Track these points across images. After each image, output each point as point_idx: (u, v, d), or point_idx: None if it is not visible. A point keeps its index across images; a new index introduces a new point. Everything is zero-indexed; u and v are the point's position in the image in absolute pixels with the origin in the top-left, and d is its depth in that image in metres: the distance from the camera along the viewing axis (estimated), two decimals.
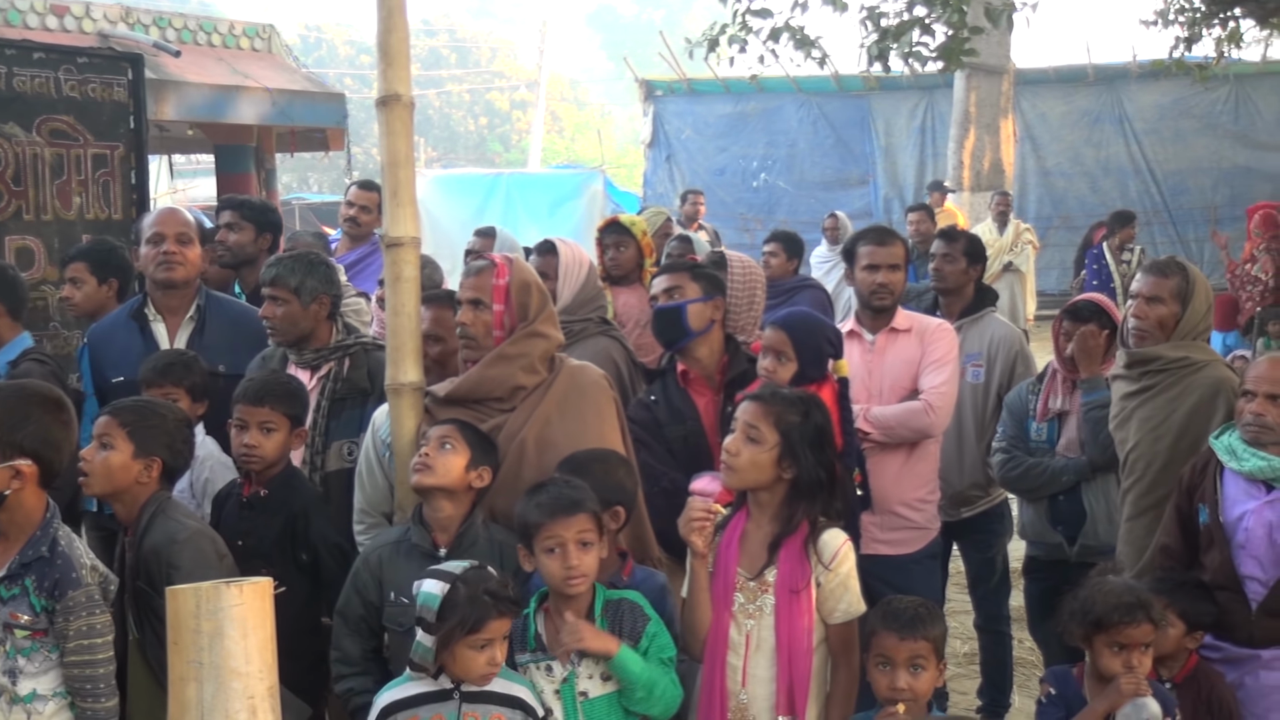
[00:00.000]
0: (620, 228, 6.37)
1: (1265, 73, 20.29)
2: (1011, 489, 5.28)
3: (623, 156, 42.15)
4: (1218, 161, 20.65)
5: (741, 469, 3.59)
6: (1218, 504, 4.01)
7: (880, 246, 5.02)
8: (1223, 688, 3.90)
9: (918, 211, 12.44)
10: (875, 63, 10.93)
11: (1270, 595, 3.93)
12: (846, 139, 21.78)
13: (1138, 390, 4.48)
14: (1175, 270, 4.51)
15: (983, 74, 17.51)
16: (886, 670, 3.50)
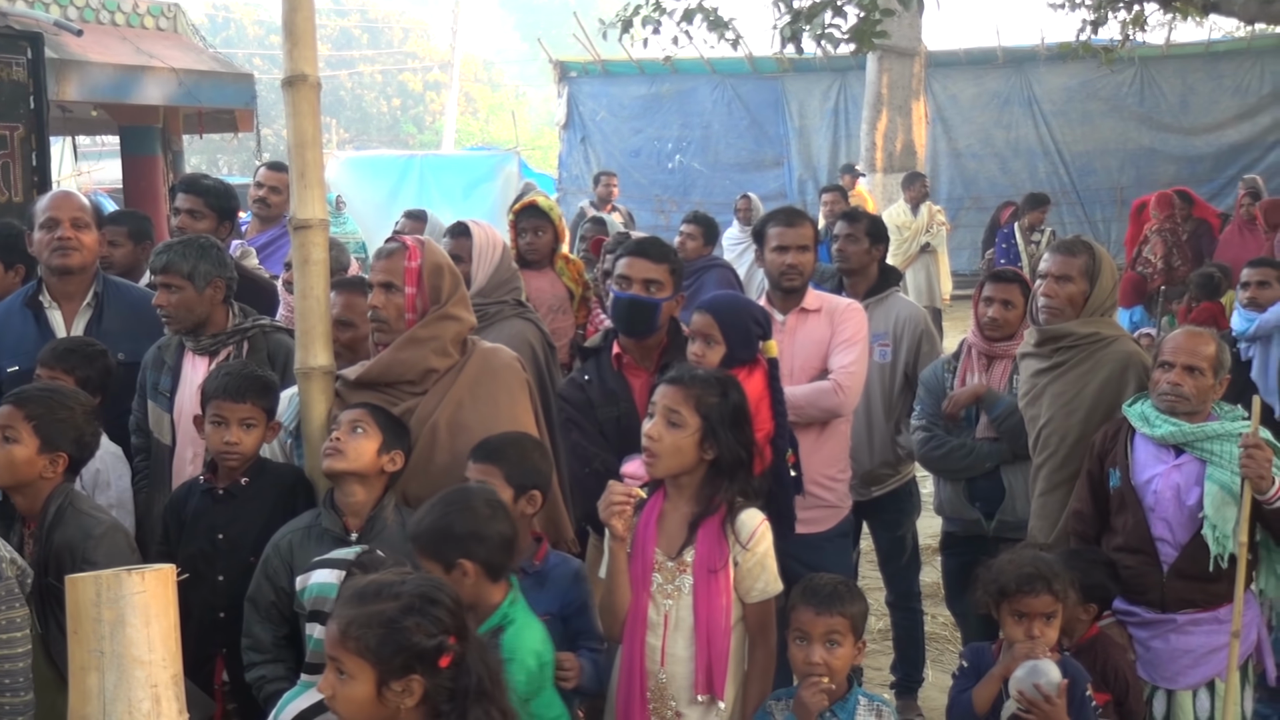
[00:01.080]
0: (538, 211, 6.32)
1: (1169, 56, 20.65)
2: (932, 469, 5.30)
3: (538, 138, 41.96)
4: (1124, 143, 21.00)
5: (664, 453, 3.59)
6: (1129, 468, 4.12)
7: (789, 228, 5.05)
8: (1119, 657, 3.98)
9: (831, 193, 12.55)
10: (788, 44, 10.98)
11: (1180, 557, 4.05)
12: (761, 120, 21.86)
13: (1049, 367, 4.55)
14: (1083, 249, 4.61)
15: (894, 56, 17.66)
16: (803, 645, 3.54)
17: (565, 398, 4.57)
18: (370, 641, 2.54)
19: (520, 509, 3.70)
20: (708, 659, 3.55)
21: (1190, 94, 20.84)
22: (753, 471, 3.76)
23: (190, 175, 7.19)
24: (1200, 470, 4.03)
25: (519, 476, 3.70)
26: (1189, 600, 4.06)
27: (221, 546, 3.92)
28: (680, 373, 3.71)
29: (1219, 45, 20.69)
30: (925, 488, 6.35)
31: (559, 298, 6.28)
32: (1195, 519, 4.01)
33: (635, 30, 11.76)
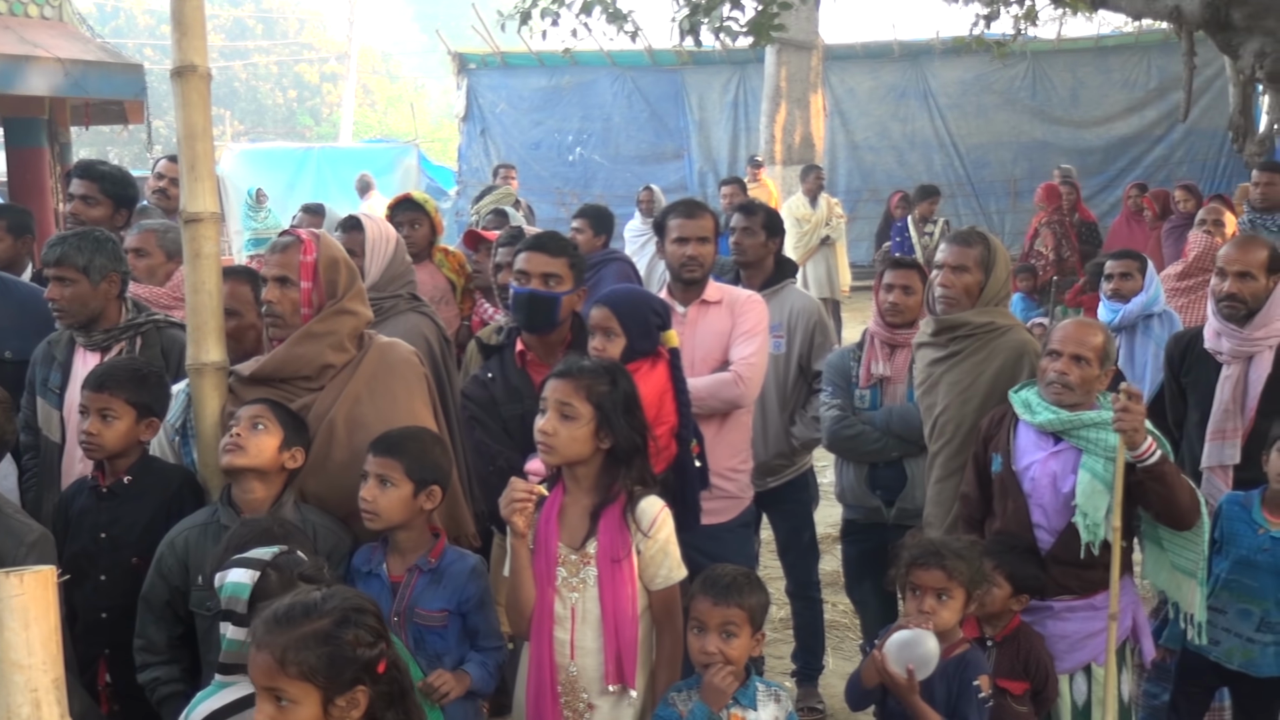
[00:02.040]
0: (413, 204, 6.28)
1: (1060, 50, 21.07)
2: (839, 450, 5.30)
3: (437, 130, 41.60)
4: (1017, 135, 21.37)
5: (561, 446, 3.59)
6: (1010, 454, 4.19)
7: (690, 220, 5.06)
8: (1040, 648, 4.03)
9: (730, 185, 12.59)
10: (687, 37, 11.01)
11: (1057, 544, 4.10)
12: (661, 113, 21.91)
13: (945, 356, 4.61)
14: (978, 240, 4.68)
15: (792, 49, 17.81)
16: (700, 635, 3.55)
17: (469, 396, 4.53)
18: (313, 662, 2.51)
19: (419, 504, 3.68)
20: (617, 649, 3.56)
21: (1080, 88, 21.27)
22: (649, 458, 3.77)
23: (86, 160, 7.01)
24: (1077, 458, 4.08)
25: (419, 471, 3.66)
26: (1066, 587, 4.11)
27: (104, 545, 3.84)
28: (568, 365, 3.70)
29: (1108, 40, 21.17)
30: (824, 477, 6.41)
31: (440, 289, 6.25)
32: (1070, 506, 4.06)
33: (534, 22, 11.72)
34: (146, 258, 5.30)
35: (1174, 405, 5.18)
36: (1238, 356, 4.84)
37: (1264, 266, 4.81)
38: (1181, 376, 5.09)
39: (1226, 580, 4.44)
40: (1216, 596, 4.44)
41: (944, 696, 3.72)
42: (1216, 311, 4.89)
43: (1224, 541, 4.47)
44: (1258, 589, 4.39)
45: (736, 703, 3.54)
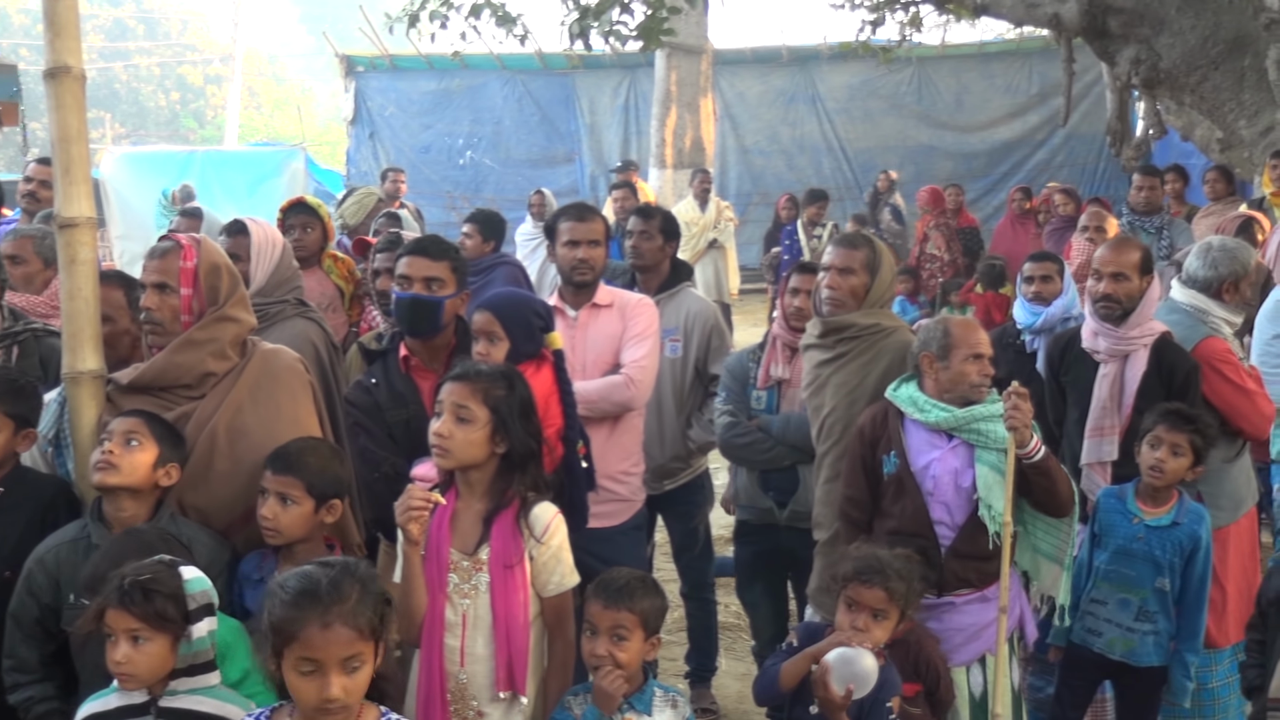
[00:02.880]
0: (307, 208, 6.20)
1: (945, 56, 21.39)
2: (733, 457, 5.33)
3: (325, 134, 41.11)
4: (903, 140, 21.65)
5: (456, 450, 3.56)
6: (905, 454, 4.23)
7: (580, 223, 5.06)
8: (932, 649, 4.08)
9: (622, 189, 12.59)
10: (576, 41, 10.99)
11: (958, 539, 4.18)
12: (552, 116, 21.85)
13: (833, 358, 4.65)
14: (863, 243, 4.74)
15: (682, 53, 17.87)
16: (591, 637, 3.54)
17: (352, 402, 4.47)
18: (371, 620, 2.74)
19: (320, 519, 3.64)
20: (508, 655, 3.53)
21: (965, 93, 21.62)
22: (543, 463, 3.75)
23: None
24: (971, 453, 4.17)
25: (320, 486, 3.62)
26: (964, 580, 4.19)
27: None
28: (465, 369, 3.68)
29: (991, 46, 21.53)
30: (718, 479, 6.44)
31: (328, 296, 6.19)
32: (971, 500, 4.15)
33: (422, 25, 11.62)
34: (23, 265, 5.16)
35: (1054, 404, 5.28)
36: (1114, 355, 4.95)
37: (1137, 267, 4.93)
38: (1061, 376, 5.20)
39: (1106, 571, 4.56)
40: (1098, 588, 4.57)
41: (855, 712, 3.73)
42: (1093, 312, 5.01)
43: (1102, 534, 4.60)
44: (1135, 578, 4.51)
45: (631, 707, 3.53)
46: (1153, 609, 4.51)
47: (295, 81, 55.30)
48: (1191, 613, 4.53)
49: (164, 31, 51.34)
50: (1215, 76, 11.03)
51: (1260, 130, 10.79)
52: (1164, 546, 4.48)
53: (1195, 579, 4.50)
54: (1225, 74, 10.96)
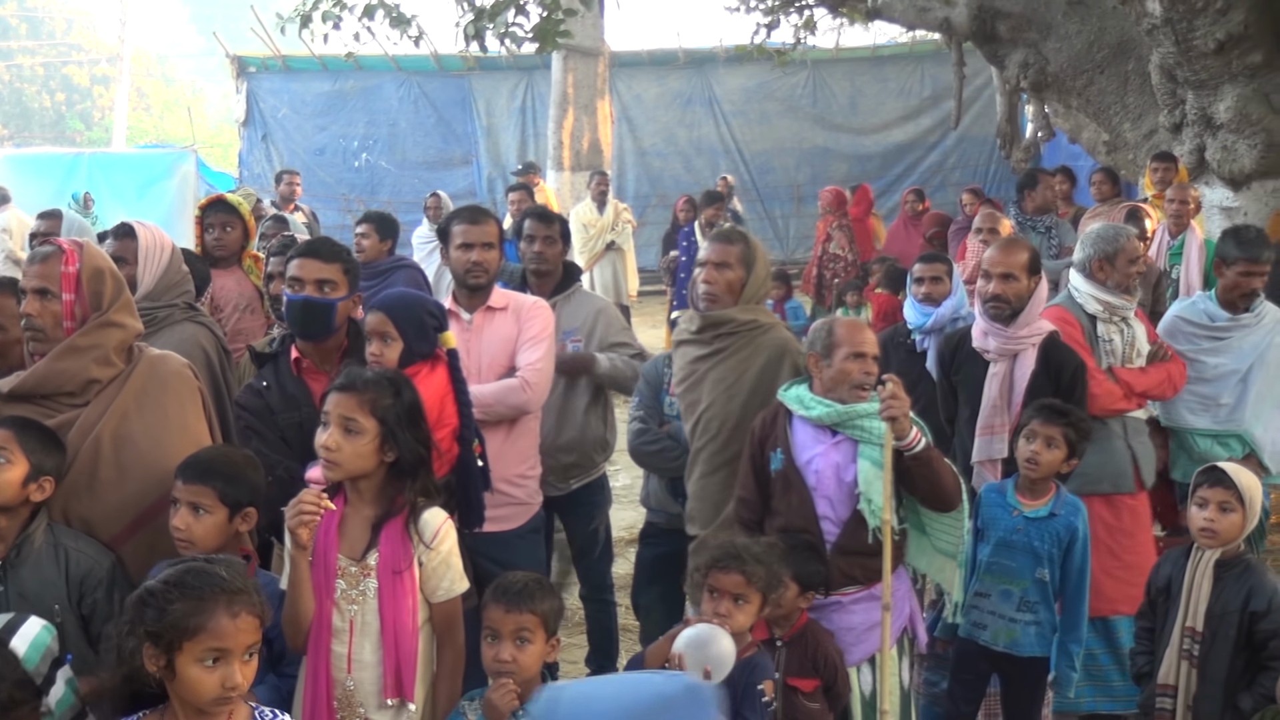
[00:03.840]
0: (227, 207, 6.10)
1: (839, 59, 21.65)
2: (643, 463, 5.33)
3: (217, 136, 40.39)
4: (799, 142, 21.87)
5: (345, 462, 3.52)
6: (790, 450, 4.26)
7: (474, 225, 5.03)
8: (828, 644, 4.12)
9: (518, 191, 12.55)
10: (472, 42, 10.93)
11: (842, 534, 4.21)
12: (448, 118, 21.70)
13: (710, 353, 4.69)
14: (739, 238, 4.79)
15: (579, 56, 17.86)
16: (493, 643, 3.52)
17: (243, 405, 4.41)
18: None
19: (234, 528, 3.58)
20: (396, 662, 3.50)
21: (859, 96, 21.90)
22: (432, 469, 3.73)
23: None
24: (855, 449, 4.20)
25: (234, 494, 3.57)
26: (851, 577, 4.21)
27: None
28: (350, 379, 3.62)
29: (884, 50, 21.84)
30: (616, 481, 6.44)
31: (247, 296, 6.10)
32: (853, 495, 4.18)
33: (315, 25, 11.46)
34: None
35: (945, 402, 5.37)
36: (1004, 354, 5.04)
37: (1025, 268, 5.03)
38: (952, 375, 5.28)
39: (989, 564, 4.65)
40: (981, 581, 4.65)
41: (728, 699, 3.74)
42: (984, 312, 5.09)
43: (984, 528, 4.69)
44: (1016, 569, 4.60)
45: (527, 713, 3.51)
46: (1033, 599, 4.60)
47: (185, 82, 54.28)
48: (1073, 603, 4.63)
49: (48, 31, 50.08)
50: (1101, 80, 11.28)
51: (1144, 133, 11.06)
52: (1042, 538, 4.58)
53: (1074, 569, 4.61)
54: (1110, 78, 11.22)
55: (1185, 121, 9.92)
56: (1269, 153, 9.36)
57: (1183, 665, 4.36)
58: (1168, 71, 9.85)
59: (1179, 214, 8.12)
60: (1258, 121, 9.30)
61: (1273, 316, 5.79)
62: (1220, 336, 5.72)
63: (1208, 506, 4.31)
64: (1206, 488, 4.33)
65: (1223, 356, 5.70)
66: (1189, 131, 9.88)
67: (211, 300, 5.90)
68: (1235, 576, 4.30)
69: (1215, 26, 9.02)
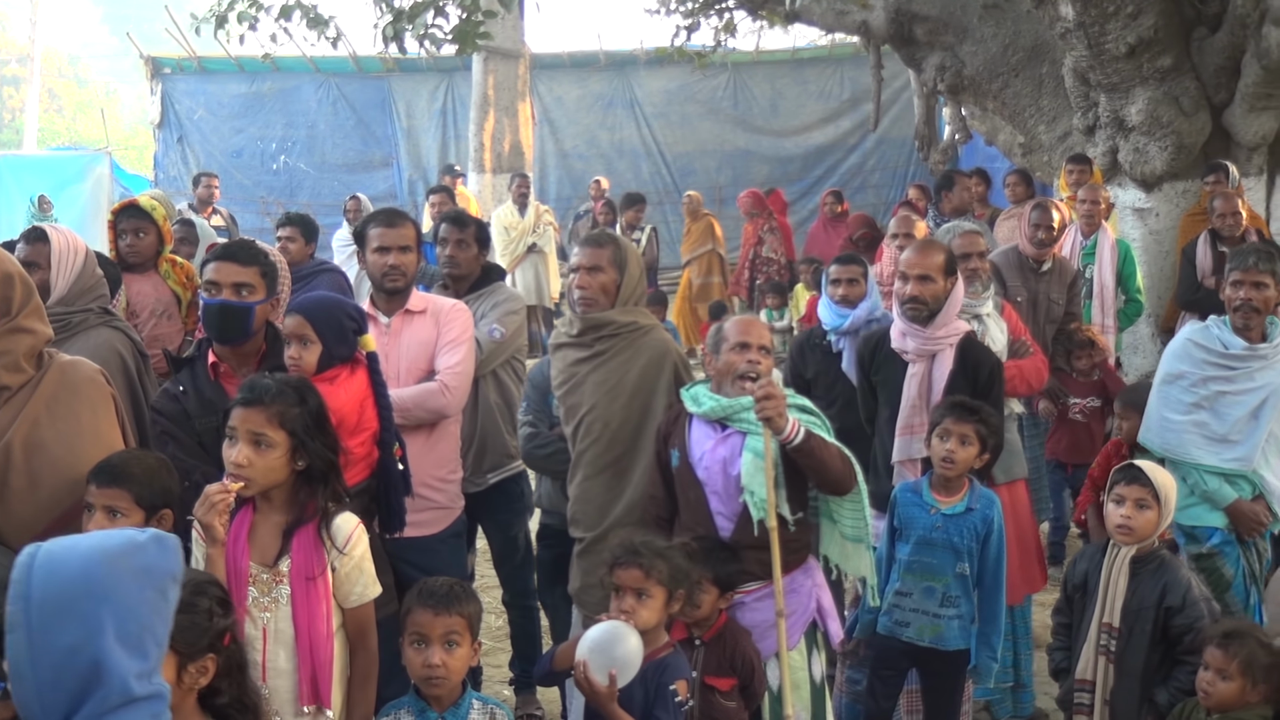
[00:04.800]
0: (139, 211, 6.01)
1: (759, 62, 21.76)
2: (536, 467, 5.31)
3: (132, 138, 39.82)
4: (720, 144, 21.95)
5: (258, 477, 3.49)
6: (686, 447, 4.28)
7: (390, 228, 4.99)
8: (746, 643, 4.13)
9: (439, 194, 12.50)
10: (390, 44, 10.85)
11: (736, 530, 4.21)
12: (368, 120, 21.52)
13: (590, 356, 4.69)
14: (608, 240, 4.82)
15: (499, 58, 17.80)
16: (421, 648, 3.50)
17: (159, 410, 4.34)
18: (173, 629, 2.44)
19: None
20: (311, 669, 3.48)
21: (779, 98, 22.01)
22: (341, 473, 3.70)
23: None
24: (743, 442, 4.18)
25: (150, 497, 3.52)
26: (752, 573, 4.20)
27: None
28: (255, 391, 3.56)
29: (804, 53, 21.98)
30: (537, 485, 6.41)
31: (164, 301, 6.02)
32: (741, 488, 4.17)
33: (230, 26, 11.32)
34: None
35: (865, 402, 5.42)
36: (922, 355, 5.10)
37: (941, 269, 5.08)
38: (872, 375, 5.33)
39: (909, 563, 4.68)
40: (903, 580, 4.69)
41: (641, 699, 3.76)
42: (901, 313, 5.14)
43: (903, 527, 4.73)
44: (937, 566, 4.65)
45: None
46: (955, 594, 4.65)
47: (99, 84, 53.42)
48: (991, 595, 4.69)
49: None
50: (1016, 83, 11.45)
51: (1058, 135, 11.23)
52: (961, 533, 4.63)
53: (991, 561, 4.67)
54: (1025, 81, 11.39)
55: (1098, 124, 10.10)
56: (1179, 154, 9.57)
57: (1100, 661, 4.43)
58: (1081, 75, 10.03)
59: (1090, 214, 8.25)
60: (1168, 124, 9.50)
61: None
62: (1234, 367, 5.18)
63: (1124, 504, 4.39)
64: (1124, 485, 4.43)
65: (1234, 388, 5.18)
66: (1102, 134, 10.06)
67: (128, 306, 5.82)
68: (1151, 572, 4.38)
69: (1126, 31, 9.20)
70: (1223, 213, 8.20)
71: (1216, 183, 8.86)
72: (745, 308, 13.30)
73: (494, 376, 5.51)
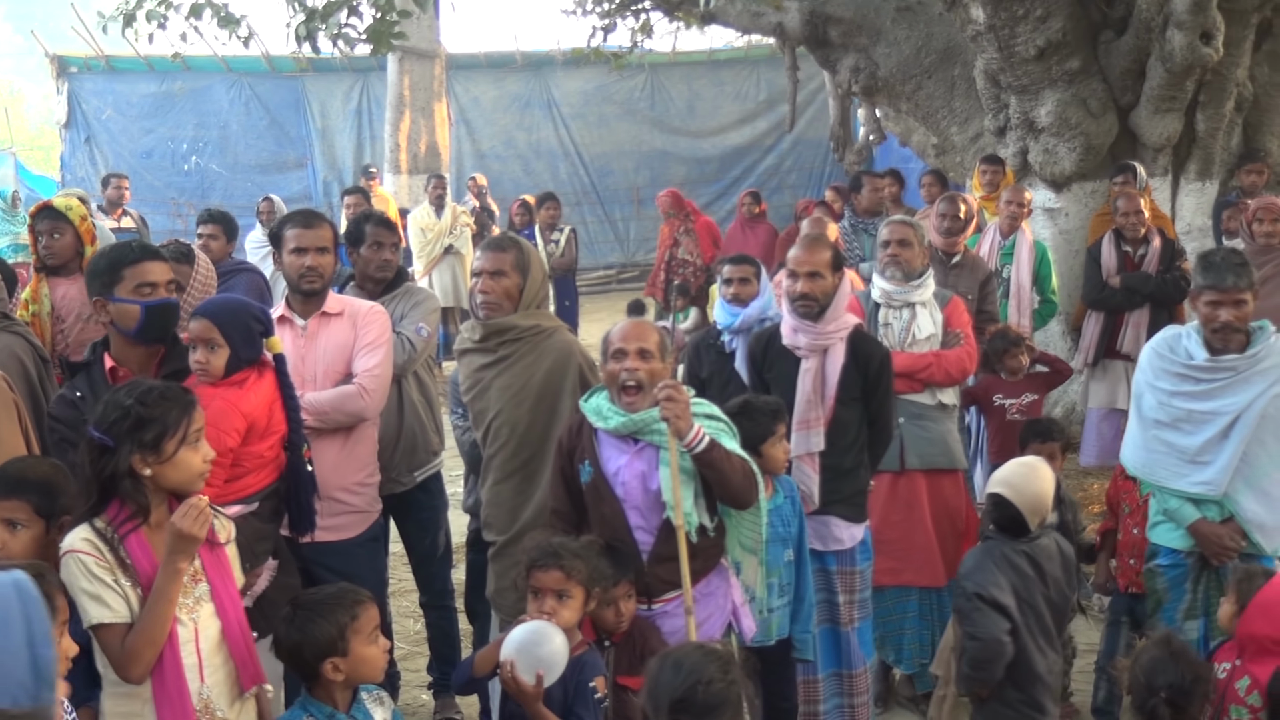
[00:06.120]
0: (54, 213, 5.89)
1: (676, 63, 21.83)
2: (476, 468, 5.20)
3: (38, 138, 38.92)
4: (638, 145, 22.00)
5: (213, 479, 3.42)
6: (598, 461, 4.26)
7: (307, 229, 4.94)
8: (655, 641, 4.12)
9: (354, 195, 12.38)
10: (304, 44, 10.72)
11: (657, 543, 4.21)
12: (281, 121, 21.26)
13: (495, 361, 4.69)
14: (511, 244, 4.80)
15: (415, 58, 17.68)
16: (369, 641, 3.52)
17: (57, 416, 4.23)
18: None
19: (52, 538, 3.44)
20: (243, 649, 3.46)
21: (696, 99, 22.12)
22: None
23: None
24: (658, 455, 4.18)
25: (48, 506, 3.45)
26: (671, 583, 4.20)
27: None
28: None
29: (720, 54, 22.09)
30: (454, 486, 6.38)
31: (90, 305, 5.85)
32: (661, 503, 4.17)
33: (139, 25, 11.10)
34: None
35: None
36: (814, 350, 5.15)
37: (829, 265, 5.15)
38: (764, 373, 5.37)
39: None
40: None
41: (560, 697, 3.77)
42: (792, 310, 5.19)
43: None
44: (773, 560, 4.67)
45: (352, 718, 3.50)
46: (786, 582, 4.74)
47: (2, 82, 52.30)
48: (802, 569, 4.79)
49: None
50: (929, 85, 11.58)
51: (970, 136, 11.38)
52: (785, 523, 4.73)
53: (798, 541, 4.79)
54: (938, 82, 11.52)
55: (1009, 125, 10.25)
56: (1088, 155, 9.74)
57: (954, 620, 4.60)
58: (992, 77, 10.18)
59: (1014, 215, 8.36)
60: (1076, 125, 9.66)
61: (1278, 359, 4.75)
62: (1201, 380, 4.76)
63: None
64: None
65: (1202, 406, 4.75)
66: (1013, 135, 10.22)
67: (53, 310, 5.70)
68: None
69: (1036, 33, 9.35)
70: (1126, 212, 8.36)
71: (1124, 183, 9.02)
72: (661, 309, 13.30)
73: (414, 374, 5.50)
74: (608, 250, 21.88)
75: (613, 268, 21.70)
